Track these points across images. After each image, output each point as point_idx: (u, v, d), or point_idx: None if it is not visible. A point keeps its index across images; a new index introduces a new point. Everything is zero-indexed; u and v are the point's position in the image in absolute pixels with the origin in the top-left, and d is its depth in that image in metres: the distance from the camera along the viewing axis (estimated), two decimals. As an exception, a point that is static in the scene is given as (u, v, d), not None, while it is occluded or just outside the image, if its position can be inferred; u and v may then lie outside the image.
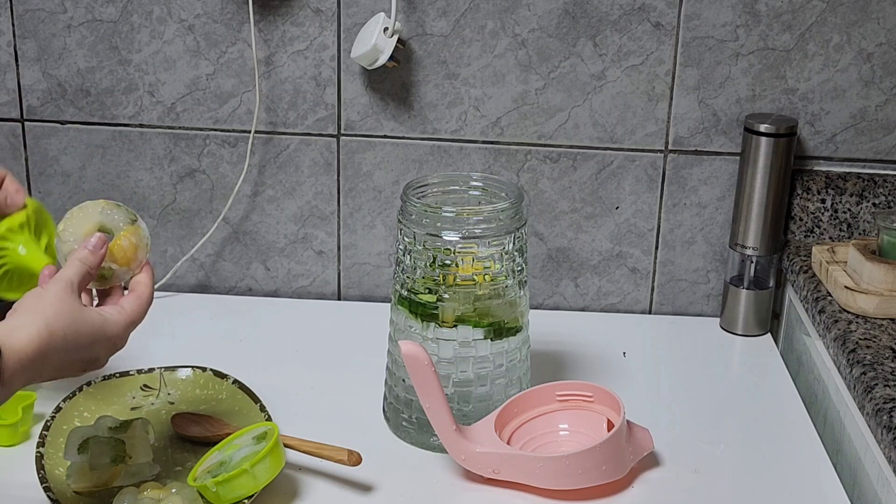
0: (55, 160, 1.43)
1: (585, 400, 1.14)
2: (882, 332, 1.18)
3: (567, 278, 1.46)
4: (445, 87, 1.38)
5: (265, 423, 1.07)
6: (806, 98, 1.36)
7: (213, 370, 1.19)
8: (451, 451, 1.06)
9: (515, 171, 1.41)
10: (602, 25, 1.35)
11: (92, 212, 1.00)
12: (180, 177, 1.44)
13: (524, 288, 1.14)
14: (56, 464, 1.05)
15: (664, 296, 1.46)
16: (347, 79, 1.39)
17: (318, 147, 1.42)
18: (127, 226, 1.00)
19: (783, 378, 1.30)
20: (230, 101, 1.40)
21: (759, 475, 1.11)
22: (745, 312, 1.39)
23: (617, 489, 1.07)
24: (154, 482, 1.03)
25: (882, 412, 1.01)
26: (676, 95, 1.37)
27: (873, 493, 1.06)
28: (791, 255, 1.38)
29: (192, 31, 1.37)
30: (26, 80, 1.41)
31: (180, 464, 1.08)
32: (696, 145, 1.39)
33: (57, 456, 1.05)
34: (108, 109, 1.41)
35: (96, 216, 1.00)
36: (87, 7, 1.37)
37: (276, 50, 1.38)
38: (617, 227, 1.43)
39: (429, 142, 1.41)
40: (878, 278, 1.22)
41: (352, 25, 1.36)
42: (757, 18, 1.34)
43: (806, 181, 1.38)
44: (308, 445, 1.06)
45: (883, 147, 1.38)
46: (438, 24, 1.36)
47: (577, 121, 1.39)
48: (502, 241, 1.09)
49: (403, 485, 1.08)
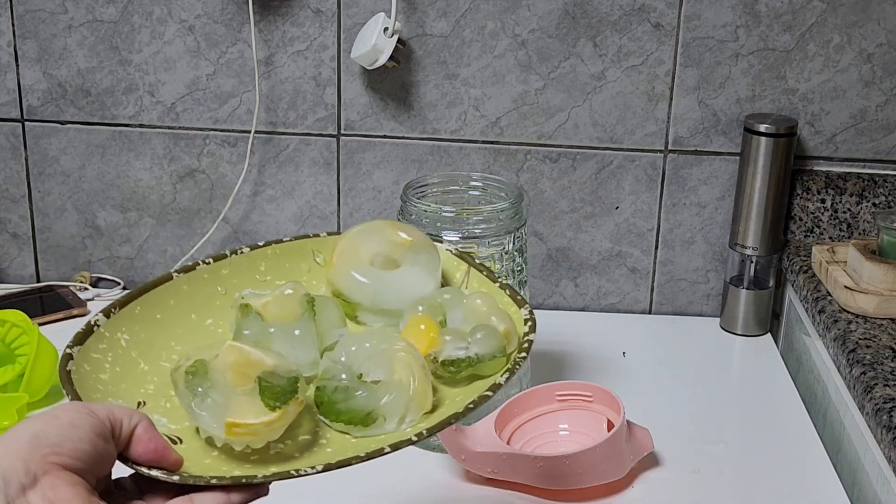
0: (55, 160, 1.43)
1: (585, 400, 1.14)
2: (882, 331, 1.18)
3: (567, 278, 1.46)
4: (445, 87, 1.38)
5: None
6: (806, 98, 1.36)
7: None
8: (451, 451, 1.06)
9: (515, 171, 1.41)
10: (602, 26, 1.35)
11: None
12: (180, 177, 1.44)
13: (524, 288, 1.13)
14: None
15: (664, 296, 1.46)
16: (347, 79, 1.39)
17: (317, 147, 1.42)
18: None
19: (783, 378, 1.30)
20: (230, 101, 1.40)
21: (759, 475, 1.11)
22: (745, 312, 1.39)
23: (617, 489, 1.07)
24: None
25: (882, 412, 1.01)
26: (676, 95, 1.37)
27: (873, 493, 1.06)
28: (791, 255, 1.38)
29: (192, 31, 1.38)
30: (26, 80, 1.41)
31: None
32: (695, 145, 1.39)
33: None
34: (109, 109, 1.41)
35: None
36: (88, 7, 1.37)
37: (276, 50, 1.38)
38: (617, 226, 1.43)
39: (429, 142, 1.41)
40: (877, 278, 1.22)
41: (352, 25, 1.36)
42: (757, 19, 1.34)
43: (806, 181, 1.38)
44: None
45: (883, 147, 1.38)
46: (438, 25, 1.36)
47: (576, 121, 1.39)
48: (502, 241, 1.09)
49: (403, 485, 1.08)
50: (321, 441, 0.76)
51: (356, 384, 0.78)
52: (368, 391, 0.77)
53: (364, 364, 0.79)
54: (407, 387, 0.77)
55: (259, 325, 0.82)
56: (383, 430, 0.77)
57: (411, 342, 0.81)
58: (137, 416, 0.70)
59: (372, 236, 0.90)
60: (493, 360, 0.82)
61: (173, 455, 0.71)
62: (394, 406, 0.77)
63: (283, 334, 0.81)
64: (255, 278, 0.89)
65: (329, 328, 0.83)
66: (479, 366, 0.82)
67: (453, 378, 0.82)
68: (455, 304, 0.87)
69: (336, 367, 0.79)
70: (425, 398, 0.78)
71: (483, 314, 0.85)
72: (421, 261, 0.89)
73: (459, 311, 0.86)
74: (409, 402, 0.77)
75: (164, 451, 0.70)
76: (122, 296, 0.83)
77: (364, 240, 0.90)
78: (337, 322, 0.84)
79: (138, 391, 0.79)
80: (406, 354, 0.79)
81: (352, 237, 0.90)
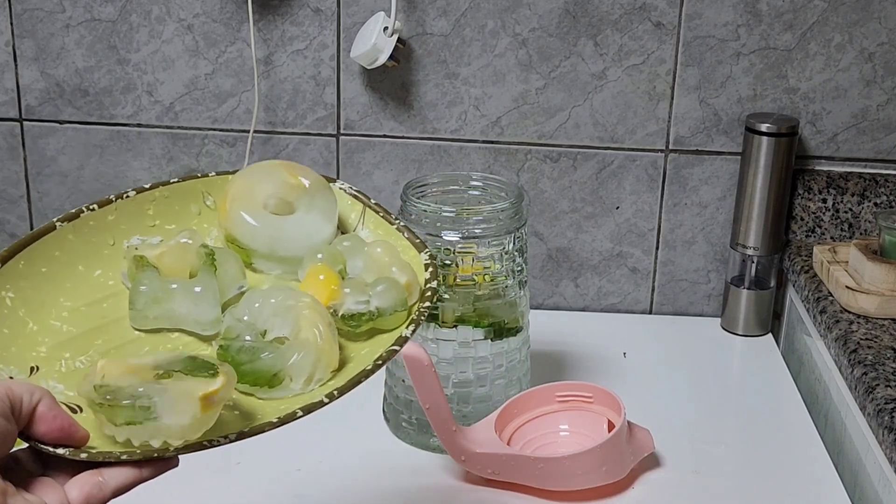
0: (53, 160, 1.43)
1: (585, 400, 1.13)
2: (883, 332, 1.18)
3: (567, 278, 1.45)
4: (445, 86, 1.38)
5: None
6: (807, 98, 1.36)
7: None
8: (450, 452, 1.06)
9: (515, 171, 1.41)
10: (603, 25, 1.34)
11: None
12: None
13: (524, 288, 1.13)
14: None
15: (665, 296, 1.46)
16: (347, 78, 1.38)
17: (317, 147, 1.41)
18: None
19: (784, 378, 1.30)
20: (229, 100, 1.40)
21: (760, 476, 1.11)
22: (746, 312, 1.39)
23: (617, 490, 1.06)
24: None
25: (883, 413, 1.01)
26: (677, 95, 1.37)
27: (874, 494, 1.06)
28: (792, 255, 1.37)
29: (190, 30, 1.37)
30: (24, 80, 1.40)
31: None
32: (696, 145, 1.39)
33: None
34: (107, 109, 1.41)
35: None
36: (86, 6, 1.37)
37: (276, 49, 1.37)
38: (617, 226, 1.43)
39: (429, 141, 1.40)
40: (879, 278, 1.21)
41: (351, 25, 1.36)
42: (758, 18, 1.33)
43: (807, 181, 1.38)
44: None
45: (884, 147, 1.37)
46: (438, 24, 1.35)
47: (577, 120, 1.38)
48: (502, 241, 1.09)
49: (403, 485, 1.07)
50: (227, 404, 0.72)
51: (261, 344, 0.76)
52: (274, 352, 0.75)
53: (268, 321, 0.77)
54: (314, 346, 0.75)
55: (158, 281, 0.79)
56: (290, 392, 0.75)
57: (311, 294, 0.79)
58: (39, 392, 0.67)
59: (265, 178, 0.87)
60: (393, 315, 0.80)
61: (79, 431, 0.68)
62: (301, 366, 0.75)
63: (185, 291, 0.79)
64: (144, 224, 0.86)
65: (229, 282, 0.81)
66: (379, 320, 0.80)
67: (353, 332, 0.80)
68: (355, 252, 0.84)
69: (240, 326, 0.77)
70: (332, 356, 0.76)
71: (384, 265, 0.83)
72: (317, 204, 0.87)
73: (360, 259, 0.84)
74: (317, 361, 0.75)
75: (69, 428, 0.67)
76: (2, 250, 0.78)
77: (258, 182, 0.87)
78: (237, 275, 0.82)
79: (30, 354, 0.76)
80: (311, 312, 0.77)
81: (245, 179, 0.87)
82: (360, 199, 0.89)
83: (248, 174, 0.88)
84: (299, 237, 0.85)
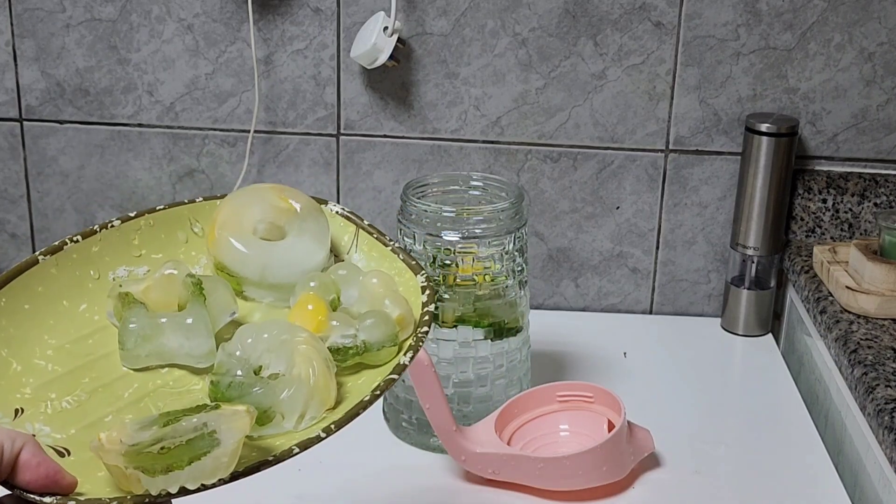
0: (54, 160, 1.43)
1: (586, 400, 1.13)
2: (883, 332, 1.18)
3: (567, 278, 1.45)
4: (445, 86, 1.38)
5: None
6: (807, 97, 1.36)
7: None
8: (451, 452, 1.06)
9: (515, 171, 1.41)
10: (603, 24, 1.34)
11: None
12: (179, 177, 1.43)
13: (524, 288, 1.13)
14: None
15: (665, 296, 1.46)
16: (347, 78, 1.38)
17: (317, 147, 1.41)
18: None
19: (784, 378, 1.30)
20: (229, 100, 1.40)
21: (760, 476, 1.11)
22: (746, 313, 1.39)
23: (617, 490, 1.06)
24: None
25: (884, 413, 1.01)
26: (677, 95, 1.37)
27: (875, 495, 1.06)
28: (792, 256, 1.37)
29: (191, 30, 1.37)
30: (25, 80, 1.40)
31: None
32: (696, 145, 1.39)
33: None
34: (107, 109, 1.41)
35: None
36: (86, 6, 1.37)
37: (276, 49, 1.37)
38: (617, 227, 1.43)
39: (429, 141, 1.40)
40: (879, 278, 1.21)
41: (351, 25, 1.36)
42: (758, 18, 1.33)
43: (807, 181, 1.38)
44: None
45: (884, 147, 1.37)
46: (438, 24, 1.35)
47: (577, 120, 1.38)
48: (502, 241, 1.09)
49: (403, 485, 1.07)
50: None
51: (252, 380, 0.72)
52: (265, 387, 0.71)
53: (263, 357, 0.74)
54: (307, 382, 0.72)
55: (146, 318, 0.77)
56: (281, 429, 0.70)
57: (298, 324, 0.76)
58: (21, 438, 0.63)
59: (254, 202, 0.84)
60: (382, 350, 0.77)
61: (66, 478, 0.64)
62: (292, 402, 0.71)
63: (176, 325, 0.76)
64: (130, 254, 0.82)
65: (221, 310, 0.78)
66: (366, 354, 0.77)
67: (339, 366, 0.76)
68: (351, 282, 0.81)
69: (231, 362, 0.73)
70: (327, 394, 0.72)
71: (378, 296, 0.80)
72: (309, 228, 0.84)
73: (355, 289, 0.81)
74: (309, 398, 0.71)
75: (55, 475, 0.63)
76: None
77: (246, 207, 0.84)
78: (228, 301, 0.79)
79: (14, 396, 0.72)
80: (308, 347, 0.73)
81: (233, 204, 0.84)
82: (352, 220, 0.87)
83: (236, 199, 0.85)
84: (291, 263, 0.82)
